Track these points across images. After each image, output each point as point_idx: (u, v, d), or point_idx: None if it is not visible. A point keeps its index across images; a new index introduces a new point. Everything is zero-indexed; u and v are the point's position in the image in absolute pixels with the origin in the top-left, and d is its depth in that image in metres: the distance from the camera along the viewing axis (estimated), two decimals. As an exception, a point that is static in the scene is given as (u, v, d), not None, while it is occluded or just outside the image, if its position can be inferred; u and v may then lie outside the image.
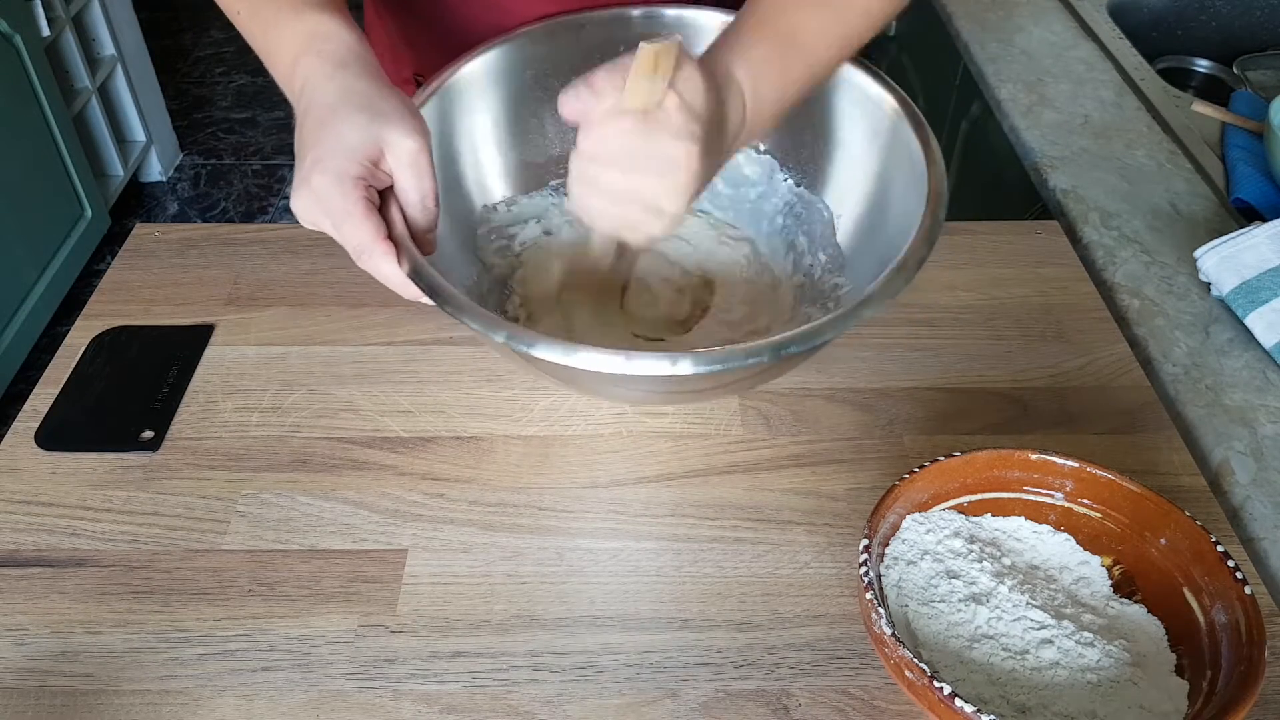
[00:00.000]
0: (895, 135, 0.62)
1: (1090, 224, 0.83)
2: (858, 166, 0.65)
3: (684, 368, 0.48)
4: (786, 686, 0.51)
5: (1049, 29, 1.12)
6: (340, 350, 0.70)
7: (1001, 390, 0.67)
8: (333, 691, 0.50)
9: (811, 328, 0.50)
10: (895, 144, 0.62)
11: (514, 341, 0.49)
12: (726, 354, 0.49)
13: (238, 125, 2.61)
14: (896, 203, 0.61)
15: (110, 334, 0.70)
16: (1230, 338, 0.72)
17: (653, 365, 0.48)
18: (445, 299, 0.51)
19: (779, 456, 0.63)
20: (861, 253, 0.64)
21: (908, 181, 0.59)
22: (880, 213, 0.63)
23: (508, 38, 0.67)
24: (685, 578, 0.56)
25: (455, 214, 0.65)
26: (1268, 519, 0.60)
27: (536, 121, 0.70)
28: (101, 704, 0.50)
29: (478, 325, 0.50)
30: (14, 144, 1.75)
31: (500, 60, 0.67)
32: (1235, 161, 0.88)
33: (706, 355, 0.48)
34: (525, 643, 0.53)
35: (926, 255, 0.53)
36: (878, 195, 0.64)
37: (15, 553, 0.57)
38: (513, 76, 0.68)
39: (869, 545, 0.49)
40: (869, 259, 0.61)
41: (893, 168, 0.62)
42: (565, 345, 0.48)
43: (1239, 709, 0.42)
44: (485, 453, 0.63)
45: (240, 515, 0.59)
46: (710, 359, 0.48)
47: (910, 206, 0.57)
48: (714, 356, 0.48)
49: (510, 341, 0.49)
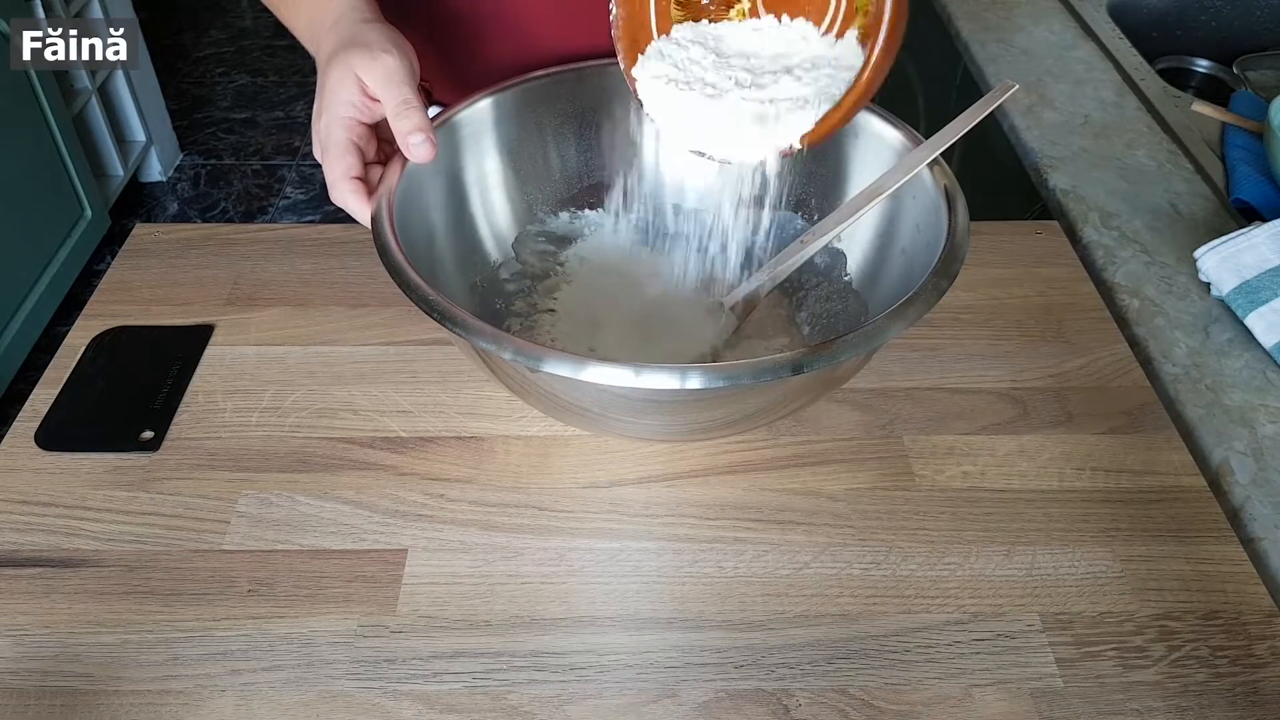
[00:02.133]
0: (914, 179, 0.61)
1: (1090, 224, 0.83)
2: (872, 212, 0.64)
3: (694, 381, 0.45)
4: (786, 686, 0.51)
5: (1049, 29, 1.12)
6: (340, 350, 0.70)
7: (1001, 390, 0.67)
8: (333, 691, 0.50)
9: (833, 345, 0.47)
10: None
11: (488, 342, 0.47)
12: (748, 368, 0.46)
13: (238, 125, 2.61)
14: (908, 234, 0.61)
15: (110, 334, 0.70)
16: (1230, 338, 0.72)
17: (663, 379, 0.45)
18: (392, 263, 0.51)
19: (779, 456, 0.63)
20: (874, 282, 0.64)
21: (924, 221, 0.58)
22: (890, 246, 0.63)
23: (518, 81, 0.67)
24: (685, 578, 0.56)
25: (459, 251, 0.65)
26: (1268, 519, 0.60)
27: (543, 161, 0.70)
28: (101, 704, 0.50)
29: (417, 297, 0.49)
30: (14, 144, 1.75)
31: (508, 102, 0.67)
32: (1235, 162, 0.88)
33: (727, 369, 0.46)
34: (525, 643, 0.53)
35: (946, 288, 0.51)
36: (888, 231, 0.63)
37: (15, 553, 0.57)
38: (519, 118, 0.68)
39: None
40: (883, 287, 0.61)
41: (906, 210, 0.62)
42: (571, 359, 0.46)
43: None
44: (485, 453, 0.63)
45: (240, 515, 0.59)
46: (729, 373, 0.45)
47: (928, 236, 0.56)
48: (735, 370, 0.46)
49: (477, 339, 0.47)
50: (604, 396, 0.50)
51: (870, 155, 0.64)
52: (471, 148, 0.65)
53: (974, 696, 0.50)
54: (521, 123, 0.68)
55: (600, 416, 0.56)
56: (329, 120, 0.55)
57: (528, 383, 0.53)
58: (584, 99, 0.69)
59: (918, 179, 0.59)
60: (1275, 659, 0.51)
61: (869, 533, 0.58)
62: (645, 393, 0.48)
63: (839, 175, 0.67)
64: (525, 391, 0.55)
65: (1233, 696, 0.50)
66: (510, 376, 0.54)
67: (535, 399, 0.56)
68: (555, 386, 0.51)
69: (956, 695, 0.50)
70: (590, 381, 0.45)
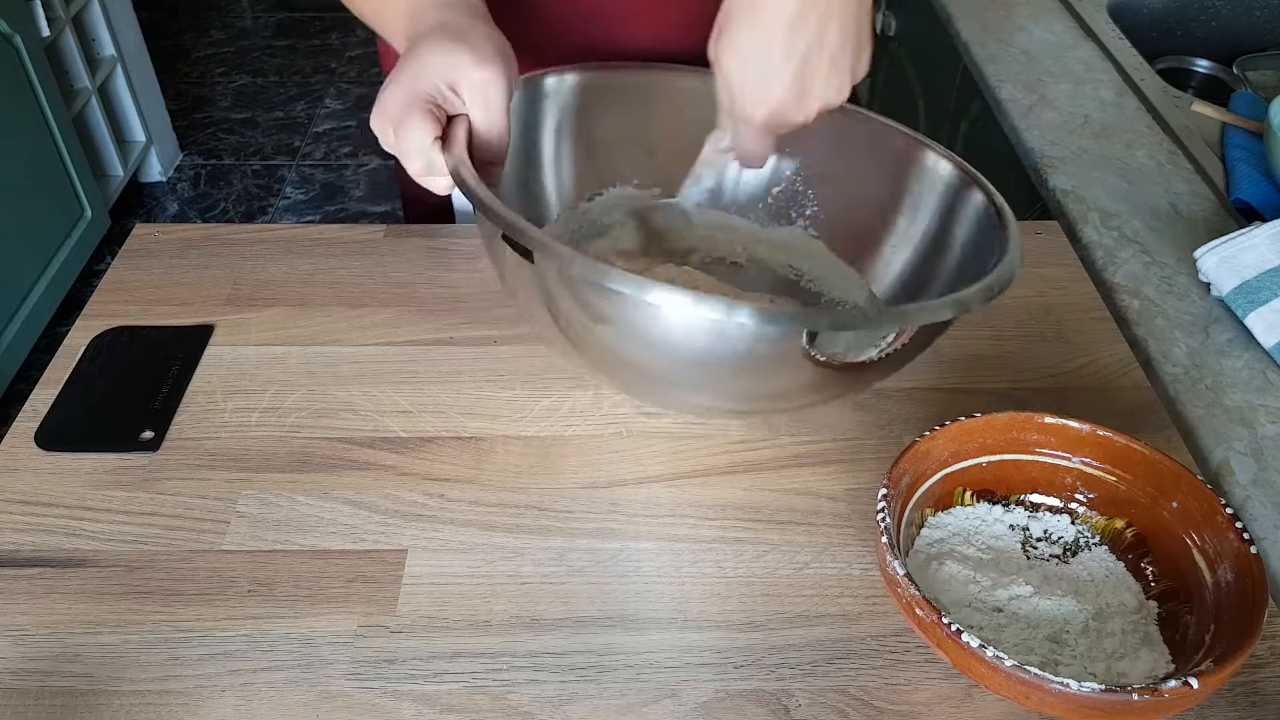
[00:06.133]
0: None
1: (1090, 224, 0.83)
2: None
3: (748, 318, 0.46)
4: (786, 687, 0.51)
5: (1049, 29, 1.13)
6: (340, 350, 0.70)
7: (1001, 390, 0.67)
8: (332, 692, 0.50)
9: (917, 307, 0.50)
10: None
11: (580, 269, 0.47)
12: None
13: (238, 125, 2.61)
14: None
15: (110, 334, 0.70)
16: (1230, 338, 0.72)
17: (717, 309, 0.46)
18: (484, 206, 0.50)
19: (779, 457, 0.63)
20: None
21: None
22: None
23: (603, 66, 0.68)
24: (685, 578, 0.56)
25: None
26: (1268, 519, 0.60)
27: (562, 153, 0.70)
28: (101, 704, 0.50)
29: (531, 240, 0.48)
30: (14, 144, 1.75)
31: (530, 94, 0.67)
32: (1235, 162, 0.88)
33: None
34: (525, 643, 0.53)
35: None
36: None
37: (15, 553, 0.57)
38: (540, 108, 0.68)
39: (888, 495, 0.51)
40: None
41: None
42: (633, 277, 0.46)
43: (1232, 661, 0.44)
44: (485, 453, 0.63)
45: (240, 515, 0.59)
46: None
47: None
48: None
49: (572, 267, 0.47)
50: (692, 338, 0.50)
51: (875, 149, 0.65)
52: (549, 114, 0.67)
53: (974, 697, 0.50)
54: (592, 106, 0.69)
55: (661, 375, 0.55)
56: (406, 91, 0.53)
57: (591, 331, 0.53)
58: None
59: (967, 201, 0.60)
60: (1275, 659, 0.51)
61: (869, 533, 0.58)
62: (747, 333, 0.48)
63: (840, 175, 0.67)
64: (586, 344, 0.55)
65: (1233, 696, 0.50)
66: (575, 323, 0.53)
67: (593, 351, 0.56)
68: (630, 330, 0.51)
69: (956, 695, 0.50)
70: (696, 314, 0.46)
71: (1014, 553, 0.55)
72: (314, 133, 2.59)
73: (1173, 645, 0.50)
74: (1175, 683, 0.42)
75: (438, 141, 0.53)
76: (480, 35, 0.54)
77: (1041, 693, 0.43)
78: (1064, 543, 0.55)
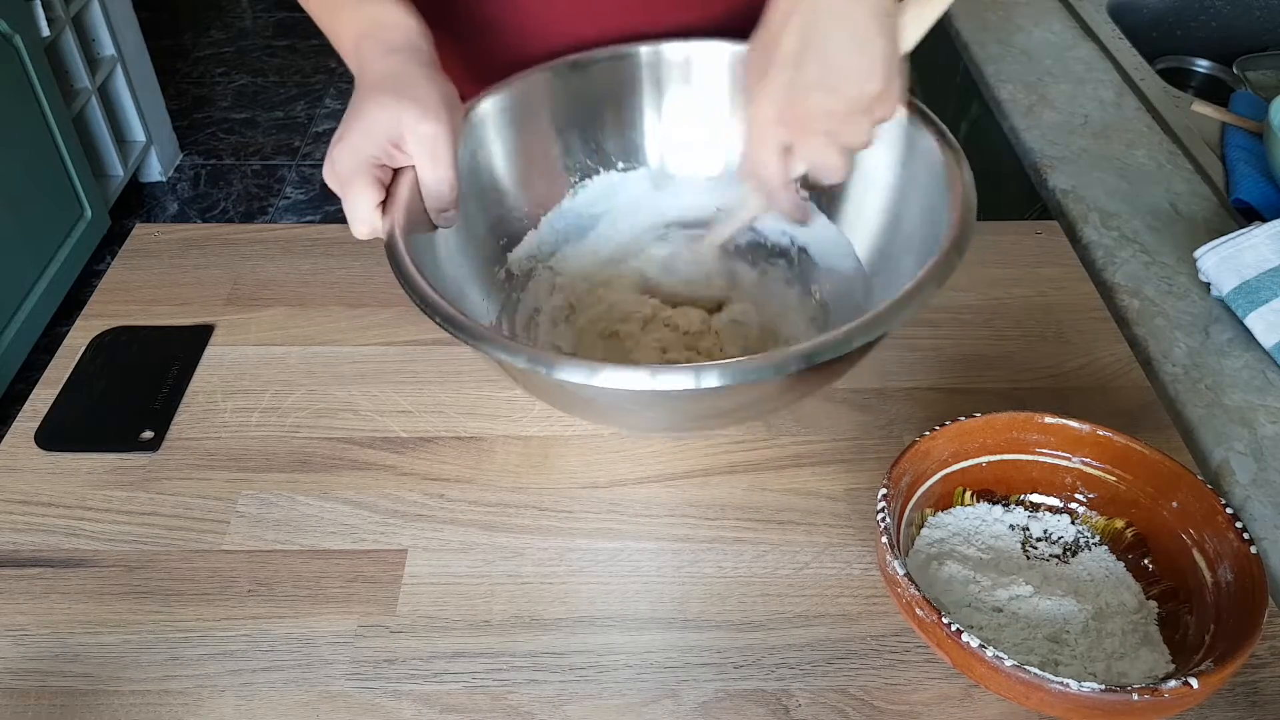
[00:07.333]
0: (914, 147, 0.61)
1: (1090, 224, 0.83)
2: (876, 187, 0.64)
3: (710, 380, 0.45)
4: (786, 687, 0.51)
5: (1049, 29, 1.13)
6: (340, 350, 0.70)
7: (1001, 390, 0.67)
8: (332, 692, 0.50)
9: (839, 335, 0.47)
10: (915, 156, 0.61)
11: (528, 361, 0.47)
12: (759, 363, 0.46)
13: (238, 125, 2.61)
14: (915, 215, 0.61)
15: (110, 334, 0.70)
16: (1230, 338, 0.72)
17: (679, 380, 0.45)
18: (410, 285, 0.50)
19: (779, 457, 0.63)
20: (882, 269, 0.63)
21: (929, 193, 0.59)
22: (898, 229, 0.62)
23: (522, 75, 0.66)
24: (685, 578, 0.56)
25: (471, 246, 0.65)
26: (1268, 519, 0.60)
27: (547, 161, 0.69)
28: (101, 704, 0.50)
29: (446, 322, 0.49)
30: (14, 144, 1.75)
31: (512, 98, 0.66)
32: (1235, 161, 0.88)
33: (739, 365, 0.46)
34: (525, 643, 0.53)
35: (957, 263, 0.53)
36: (897, 210, 0.63)
37: (15, 553, 0.57)
38: (526, 114, 0.67)
39: (888, 494, 0.51)
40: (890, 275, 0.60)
41: (913, 182, 0.62)
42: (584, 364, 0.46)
43: (1232, 661, 0.44)
44: (485, 453, 0.63)
45: (240, 515, 0.59)
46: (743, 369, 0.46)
47: (932, 216, 0.57)
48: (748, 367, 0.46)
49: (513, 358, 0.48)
50: (614, 396, 0.51)
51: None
52: (482, 143, 0.65)
53: (974, 697, 0.50)
54: (525, 119, 0.67)
55: (609, 410, 0.57)
56: (354, 156, 0.53)
57: (538, 384, 0.53)
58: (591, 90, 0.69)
59: (927, 157, 0.60)
60: (1275, 659, 0.51)
61: (869, 533, 0.58)
62: (654, 395, 0.49)
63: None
64: (538, 391, 0.56)
65: (1233, 697, 0.50)
66: (520, 377, 0.54)
67: (546, 398, 0.57)
68: (565, 389, 0.51)
69: (956, 695, 0.50)
70: (602, 386, 0.47)
71: (1014, 553, 0.55)
72: (314, 133, 2.59)
73: (1173, 645, 0.50)
74: (1175, 683, 0.42)
75: (379, 208, 0.54)
76: (424, 87, 0.54)
77: (1041, 693, 0.43)
78: (1064, 543, 0.56)
